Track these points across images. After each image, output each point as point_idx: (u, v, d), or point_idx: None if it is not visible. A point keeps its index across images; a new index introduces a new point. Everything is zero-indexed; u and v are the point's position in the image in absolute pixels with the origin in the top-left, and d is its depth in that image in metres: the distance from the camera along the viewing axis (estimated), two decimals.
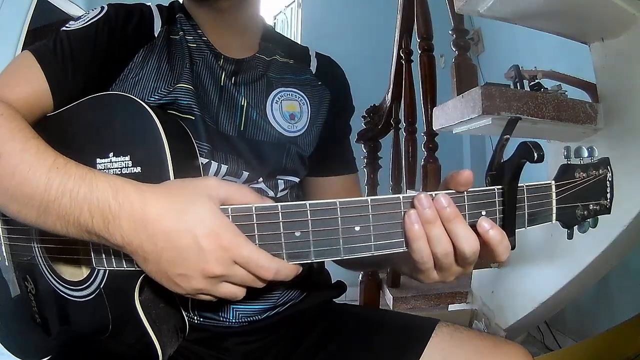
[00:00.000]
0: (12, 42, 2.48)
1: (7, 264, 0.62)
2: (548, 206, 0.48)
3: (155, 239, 0.41)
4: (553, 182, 0.48)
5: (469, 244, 0.43)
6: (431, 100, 1.60)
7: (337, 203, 0.43)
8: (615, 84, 1.16)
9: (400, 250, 0.44)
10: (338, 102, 0.74)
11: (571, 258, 1.27)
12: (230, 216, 0.43)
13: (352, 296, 1.54)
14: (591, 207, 0.50)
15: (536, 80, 1.35)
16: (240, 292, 0.45)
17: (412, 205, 0.43)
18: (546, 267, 1.39)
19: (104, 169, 0.49)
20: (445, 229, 0.43)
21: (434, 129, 1.44)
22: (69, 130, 0.54)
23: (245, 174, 0.62)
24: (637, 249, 1.23)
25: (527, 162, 0.44)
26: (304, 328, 0.68)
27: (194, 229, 0.41)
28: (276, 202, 0.44)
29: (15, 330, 0.65)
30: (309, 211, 0.43)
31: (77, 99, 0.55)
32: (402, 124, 1.82)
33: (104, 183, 0.43)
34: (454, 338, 0.62)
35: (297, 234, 0.43)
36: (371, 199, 0.43)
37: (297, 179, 0.68)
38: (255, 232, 0.43)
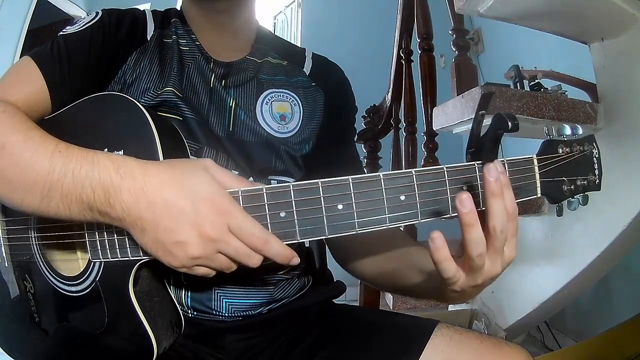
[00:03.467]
0: (12, 42, 2.48)
1: (6, 264, 0.63)
2: (531, 180, 0.48)
3: (154, 207, 0.43)
4: (534, 156, 0.48)
5: (501, 216, 0.41)
6: (431, 100, 1.60)
7: (319, 183, 0.44)
8: (615, 84, 1.16)
9: (384, 226, 0.45)
10: (334, 103, 0.73)
11: (571, 258, 1.27)
12: None
13: (352, 296, 1.54)
14: (579, 182, 0.49)
15: (536, 80, 1.35)
16: (234, 264, 0.46)
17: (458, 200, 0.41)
18: (546, 267, 1.39)
19: None
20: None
21: (434, 129, 1.44)
22: (65, 130, 0.55)
23: (235, 173, 0.63)
24: (637, 249, 1.23)
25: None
26: (301, 327, 0.68)
27: (192, 195, 0.43)
28: None
29: (14, 331, 0.65)
30: (292, 191, 0.44)
31: (75, 100, 0.57)
32: (402, 124, 1.82)
33: (106, 159, 0.44)
34: (453, 340, 0.61)
35: (282, 214, 0.45)
36: (352, 178, 0.44)
37: (291, 179, 0.68)
38: None
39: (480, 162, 0.45)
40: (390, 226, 0.45)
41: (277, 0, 3.52)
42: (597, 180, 0.50)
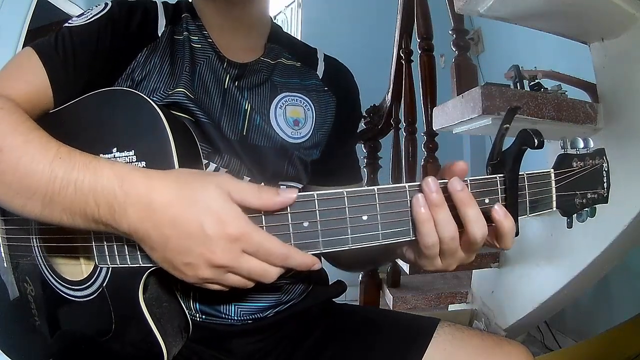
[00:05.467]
0: (12, 42, 2.48)
1: (5, 265, 0.61)
2: (548, 194, 0.49)
3: (161, 227, 0.41)
4: (552, 170, 0.49)
5: (480, 228, 0.43)
6: (431, 100, 1.59)
7: (345, 193, 0.43)
8: (615, 84, 1.16)
9: (407, 239, 0.45)
10: (344, 109, 0.72)
11: (571, 258, 1.27)
12: None
13: (352, 296, 1.54)
14: (589, 195, 0.51)
15: (536, 80, 1.35)
16: (249, 282, 0.44)
17: (420, 190, 0.44)
18: (546, 267, 1.39)
19: None
20: (460, 213, 0.43)
21: (434, 129, 1.44)
22: (70, 126, 0.53)
23: (247, 178, 0.62)
24: (637, 249, 1.23)
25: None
26: (305, 328, 0.68)
27: (200, 216, 0.40)
28: None
29: (14, 335, 0.63)
30: (316, 201, 0.43)
31: (79, 95, 0.54)
32: (402, 124, 1.82)
33: (109, 171, 0.42)
34: (455, 338, 0.62)
35: (305, 224, 0.43)
36: (377, 188, 0.44)
37: (300, 185, 0.67)
38: (263, 223, 0.43)
39: (502, 175, 0.46)
40: (414, 238, 0.45)
41: (277, 0, 3.52)
42: (606, 194, 0.52)
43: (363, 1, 3.19)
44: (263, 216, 0.43)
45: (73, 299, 0.55)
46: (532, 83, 1.34)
